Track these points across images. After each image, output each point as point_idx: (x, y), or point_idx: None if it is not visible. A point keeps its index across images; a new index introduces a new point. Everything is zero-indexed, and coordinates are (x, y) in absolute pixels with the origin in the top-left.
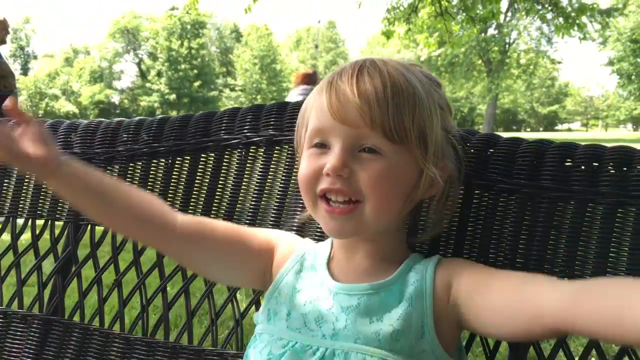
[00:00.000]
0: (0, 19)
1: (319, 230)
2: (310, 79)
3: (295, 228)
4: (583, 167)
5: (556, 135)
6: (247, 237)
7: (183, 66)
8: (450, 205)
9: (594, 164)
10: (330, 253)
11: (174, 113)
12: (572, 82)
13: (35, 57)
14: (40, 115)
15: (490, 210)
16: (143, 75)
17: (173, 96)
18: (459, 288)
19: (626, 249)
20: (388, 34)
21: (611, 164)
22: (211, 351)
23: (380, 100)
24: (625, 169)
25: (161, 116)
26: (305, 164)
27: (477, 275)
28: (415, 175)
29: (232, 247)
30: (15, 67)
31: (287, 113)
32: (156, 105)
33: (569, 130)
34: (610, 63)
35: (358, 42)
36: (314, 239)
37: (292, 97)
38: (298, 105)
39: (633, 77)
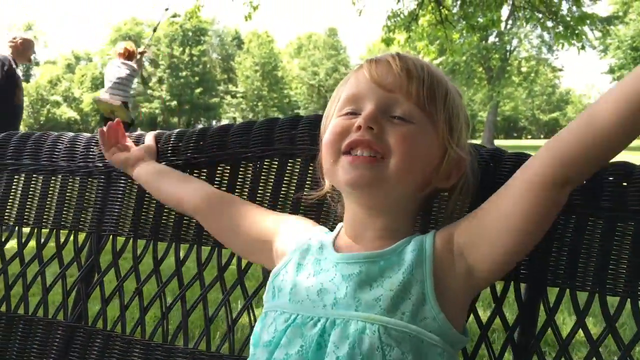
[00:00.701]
0: (30, 39)
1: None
2: (130, 55)
3: None
4: (585, 182)
5: None
6: (256, 225)
7: (184, 73)
8: (460, 207)
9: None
10: (338, 232)
11: (175, 120)
12: (573, 89)
13: (37, 64)
14: (41, 122)
15: None
16: (144, 82)
17: (174, 103)
18: (460, 233)
19: (625, 261)
20: (388, 42)
21: (611, 178)
22: (229, 356)
23: (419, 74)
24: (624, 184)
25: (178, 130)
26: (333, 126)
27: (472, 212)
28: (438, 153)
29: (238, 229)
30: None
31: (300, 126)
32: (157, 112)
33: None
34: (611, 71)
35: (359, 49)
36: None
37: (110, 68)
38: (311, 118)
39: None
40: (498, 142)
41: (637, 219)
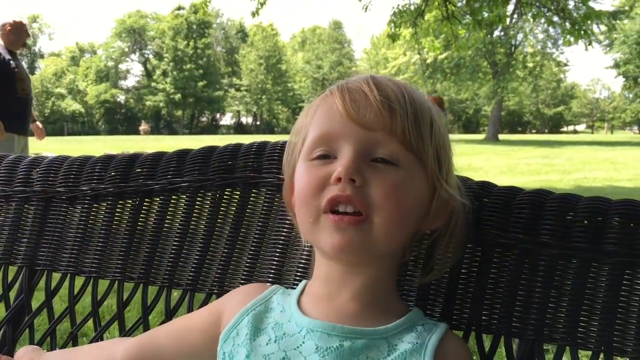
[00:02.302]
0: (20, 21)
1: (299, 272)
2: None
3: (271, 277)
4: (586, 222)
5: (561, 137)
6: (195, 332)
7: (188, 66)
8: (455, 249)
9: (598, 218)
10: (302, 290)
11: (179, 113)
12: (578, 83)
13: (41, 56)
14: (46, 115)
15: (484, 267)
16: (149, 74)
17: (178, 96)
18: None
19: (634, 315)
20: (394, 37)
21: (617, 219)
22: None
23: (401, 105)
24: (632, 225)
25: (132, 153)
26: (306, 175)
27: None
28: (428, 196)
29: (182, 354)
30: None
31: (266, 153)
32: (161, 104)
33: (575, 132)
34: (617, 65)
35: (363, 42)
36: (294, 284)
37: None
38: (279, 144)
39: (639, 79)
40: (502, 137)
41: None
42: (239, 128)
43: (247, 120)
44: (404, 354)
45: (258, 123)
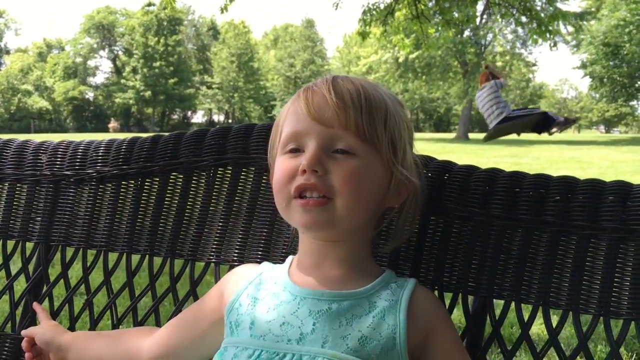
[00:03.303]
0: None
1: (285, 244)
2: None
3: (261, 248)
4: (530, 195)
5: (530, 137)
6: (202, 320)
7: (159, 63)
8: (412, 220)
9: (541, 190)
10: (290, 264)
11: (149, 110)
12: (546, 83)
13: (7, 52)
14: (12, 112)
15: (445, 236)
16: (118, 71)
17: (148, 93)
18: (432, 348)
19: (567, 274)
20: (364, 35)
21: (556, 192)
22: None
23: (355, 103)
24: (568, 196)
25: (131, 136)
26: (280, 167)
27: (449, 350)
28: (385, 178)
29: (197, 344)
30: None
31: (254, 135)
32: (131, 102)
33: None
34: (583, 66)
35: (336, 41)
36: (280, 259)
37: None
38: (265, 127)
39: (605, 80)
40: (473, 135)
41: (580, 234)
42: (211, 126)
43: (219, 118)
44: (382, 310)
45: (230, 121)
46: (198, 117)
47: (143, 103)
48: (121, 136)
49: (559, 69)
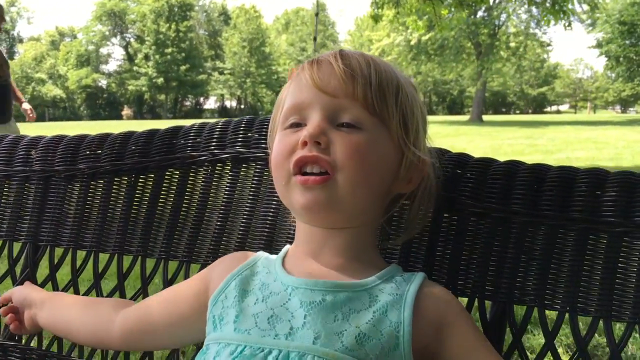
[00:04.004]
0: None
1: (288, 242)
2: None
3: (263, 243)
4: (554, 191)
5: (545, 118)
6: (183, 302)
7: (170, 49)
8: (425, 210)
9: (566, 186)
10: (286, 253)
11: (162, 97)
12: (561, 63)
13: (20, 41)
14: (27, 100)
15: (460, 234)
16: (130, 58)
17: (161, 80)
18: (448, 345)
19: (597, 278)
20: (376, 18)
21: (583, 187)
22: None
23: (363, 73)
24: (597, 192)
25: (125, 131)
26: (279, 142)
27: (467, 346)
28: (395, 158)
29: (173, 325)
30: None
31: (255, 128)
32: (144, 89)
33: (558, 112)
34: (599, 45)
35: (347, 24)
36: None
37: None
38: (267, 119)
39: (621, 59)
40: (486, 118)
41: (609, 231)
42: (223, 112)
43: (231, 103)
44: (384, 305)
45: (242, 106)
46: (210, 103)
47: (156, 90)
48: (134, 123)
49: (574, 49)
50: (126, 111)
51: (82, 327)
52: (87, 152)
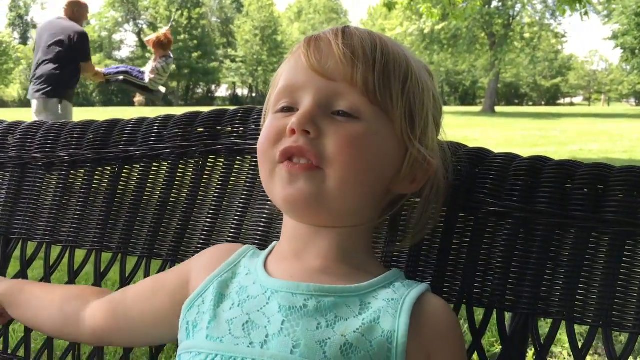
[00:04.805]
0: (84, 2)
1: None
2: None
3: (257, 243)
4: (586, 190)
5: (558, 110)
6: (159, 300)
7: (183, 36)
8: (434, 213)
9: (599, 186)
10: (271, 250)
11: (174, 84)
12: (575, 55)
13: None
14: None
15: (476, 236)
16: (143, 45)
17: (173, 67)
18: None
19: (635, 288)
20: (390, 5)
21: (619, 187)
22: None
23: (366, 55)
24: (635, 193)
25: (111, 119)
26: (267, 127)
27: None
28: (397, 155)
29: (148, 323)
30: (14, 36)
31: (252, 118)
32: None
33: (572, 104)
34: (614, 37)
35: (360, 13)
36: None
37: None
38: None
39: (637, 51)
40: (499, 109)
41: None
42: (235, 100)
43: (242, 92)
44: (377, 312)
45: (254, 95)
46: (222, 91)
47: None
48: (146, 110)
49: (589, 41)
50: (138, 98)
51: (49, 321)
52: (69, 139)
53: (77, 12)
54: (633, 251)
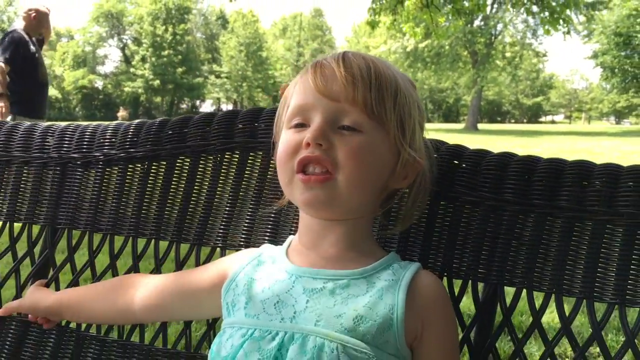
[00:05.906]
0: (44, 10)
1: (293, 228)
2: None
3: (268, 232)
4: (543, 181)
5: (540, 127)
6: (199, 293)
7: (167, 52)
8: (421, 202)
9: (555, 178)
10: (290, 244)
11: (158, 99)
12: (556, 74)
13: None
14: None
15: (455, 221)
16: (127, 60)
17: (157, 82)
18: (421, 348)
19: (582, 261)
20: (373, 24)
21: (572, 178)
22: (185, 354)
23: (364, 78)
24: (584, 183)
25: (138, 121)
26: (284, 141)
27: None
28: (392, 158)
29: (189, 310)
30: None
31: (262, 118)
32: (140, 91)
33: (553, 122)
34: (595, 56)
35: (344, 30)
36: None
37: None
38: (273, 110)
39: (616, 70)
40: (482, 126)
41: (594, 220)
42: None
43: (227, 107)
44: (380, 290)
45: None
46: (207, 107)
47: (152, 92)
48: None
49: (569, 60)
50: (122, 112)
51: (106, 317)
52: (102, 140)
53: (33, 18)
54: (580, 232)
